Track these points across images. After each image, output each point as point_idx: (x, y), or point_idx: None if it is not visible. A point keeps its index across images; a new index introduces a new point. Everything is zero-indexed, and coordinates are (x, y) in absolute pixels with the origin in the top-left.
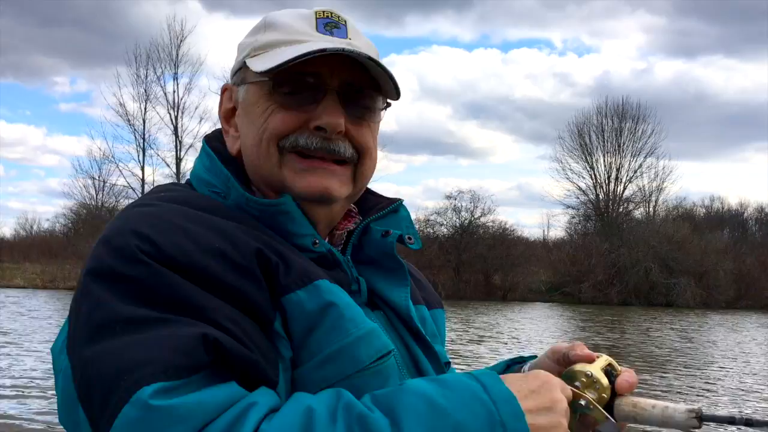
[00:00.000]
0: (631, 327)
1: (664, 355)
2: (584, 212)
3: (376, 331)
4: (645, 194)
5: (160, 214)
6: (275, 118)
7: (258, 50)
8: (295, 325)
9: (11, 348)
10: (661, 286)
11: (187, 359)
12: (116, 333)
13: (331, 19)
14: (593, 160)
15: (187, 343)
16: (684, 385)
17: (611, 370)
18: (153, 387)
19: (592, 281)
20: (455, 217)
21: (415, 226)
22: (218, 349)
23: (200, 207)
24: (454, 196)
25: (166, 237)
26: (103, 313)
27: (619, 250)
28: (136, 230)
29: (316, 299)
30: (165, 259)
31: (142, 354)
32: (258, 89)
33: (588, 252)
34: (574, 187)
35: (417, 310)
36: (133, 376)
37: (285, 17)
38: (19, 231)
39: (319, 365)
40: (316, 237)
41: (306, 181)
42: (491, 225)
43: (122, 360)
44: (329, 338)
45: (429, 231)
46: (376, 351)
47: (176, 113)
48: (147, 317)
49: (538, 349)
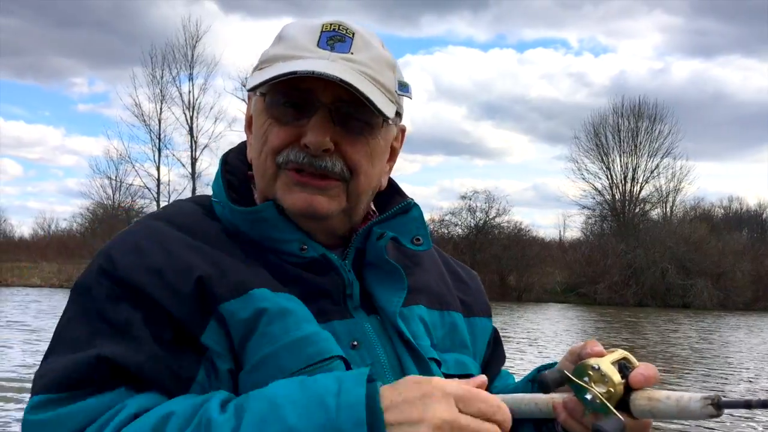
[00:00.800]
0: (650, 328)
1: (684, 356)
2: (600, 213)
3: (313, 337)
4: (662, 195)
5: (133, 233)
6: (272, 133)
7: (263, 63)
8: (235, 332)
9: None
10: (678, 288)
11: (75, 375)
12: (63, 347)
13: (337, 32)
14: (609, 160)
15: (80, 361)
16: (708, 388)
17: (626, 364)
18: (35, 399)
19: (607, 282)
20: (470, 217)
21: (429, 226)
22: (114, 367)
23: (179, 224)
24: (469, 197)
25: (124, 257)
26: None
27: (636, 251)
28: (107, 250)
29: (248, 307)
30: (116, 278)
31: (52, 368)
32: (260, 102)
33: (604, 253)
34: (590, 187)
35: (445, 315)
36: (32, 389)
37: (293, 30)
38: (37, 231)
39: (250, 372)
40: (304, 242)
41: (293, 198)
42: (506, 225)
43: (41, 370)
44: (259, 345)
45: (443, 231)
46: (307, 358)
47: (191, 113)
48: (87, 337)
49: (558, 350)
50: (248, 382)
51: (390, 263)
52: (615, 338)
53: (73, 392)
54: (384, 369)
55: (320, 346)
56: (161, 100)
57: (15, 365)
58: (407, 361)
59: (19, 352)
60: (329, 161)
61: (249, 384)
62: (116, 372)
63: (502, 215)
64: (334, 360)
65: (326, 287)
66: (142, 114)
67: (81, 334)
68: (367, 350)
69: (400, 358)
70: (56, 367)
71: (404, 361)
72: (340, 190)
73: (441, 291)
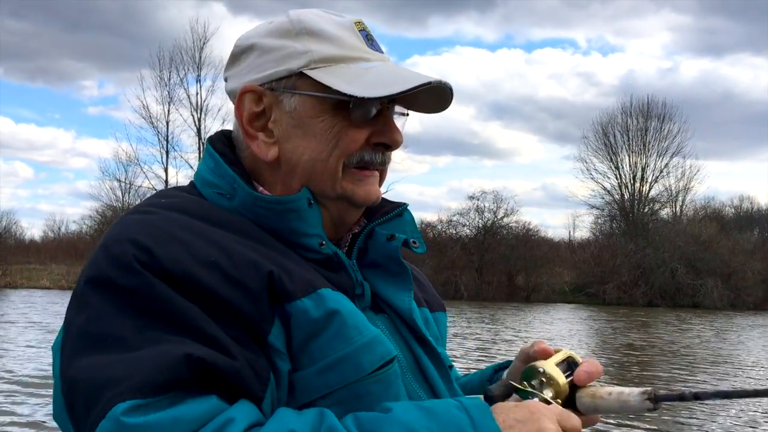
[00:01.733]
0: (665, 328)
1: (703, 355)
2: (609, 212)
3: (379, 337)
4: (671, 194)
5: (158, 222)
6: (346, 137)
7: (319, 63)
8: (298, 331)
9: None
10: (688, 287)
11: (164, 377)
12: (106, 348)
13: (366, 31)
14: (618, 159)
15: (169, 361)
16: (721, 387)
17: (572, 363)
18: (127, 404)
19: (616, 282)
20: (478, 217)
21: (437, 226)
22: (202, 367)
23: (198, 215)
24: (477, 197)
25: (163, 247)
26: (97, 327)
27: (645, 250)
28: (134, 239)
29: (321, 307)
30: (160, 270)
31: (123, 371)
32: (317, 103)
33: (612, 252)
34: (599, 187)
35: (420, 312)
36: (111, 392)
37: (327, 26)
38: (48, 233)
39: (321, 372)
40: (323, 238)
41: (365, 189)
42: (515, 226)
43: (104, 375)
44: (332, 346)
45: (451, 232)
46: (380, 358)
47: (199, 115)
48: (137, 334)
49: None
50: (319, 383)
51: (400, 264)
52: (628, 338)
53: (163, 396)
54: (402, 366)
55: (387, 346)
56: (169, 101)
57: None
58: (422, 357)
59: (45, 350)
60: (390, 156)
61: (320, 385)
62: (206, 375)
63: (510, 215)
64: (395, 359)
65: (341, 286)
66: (150, 116)
67: (125, 331)
68: None
69: (415, 355)
70: (135, 372)
71: (419, 358)
72: (378, 180)
73: (414, 290)
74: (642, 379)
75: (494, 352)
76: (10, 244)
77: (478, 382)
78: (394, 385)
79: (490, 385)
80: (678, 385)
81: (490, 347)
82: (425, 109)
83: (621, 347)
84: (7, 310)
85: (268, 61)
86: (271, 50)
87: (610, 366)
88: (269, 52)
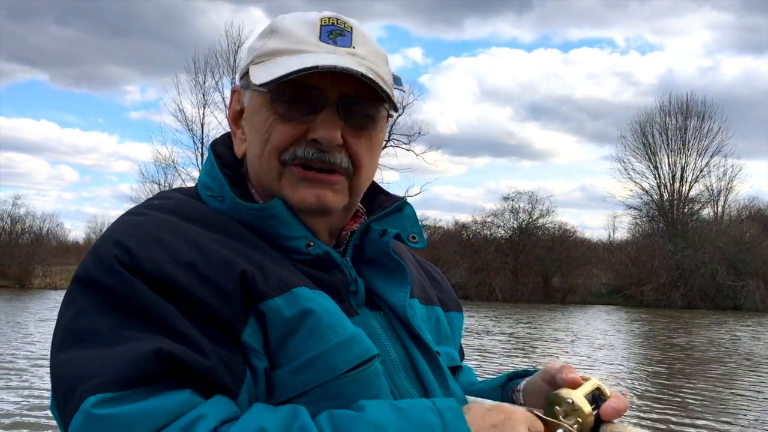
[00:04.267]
0: (702, 331)
1: (744, 358)
2: (647, 213)
3: (357, 336)
4: (712, 194)
5: (143, 224)
6: (276, 131)
7: (262, 57)
8: (274, 330)
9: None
10: (728, 289)
11: (135, 371)
12: (85, 344)
13: (336, 26)
14: (657, 159)
15: (140, 356)
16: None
17: (599, 395)
18: (97, 397)
19: (654, 284)
20: (513, 218)
21: (471, 227)
22: (173, 362)
23: (186, 216)
24: (512, 198)
25: (143, 248)
26: (79, 324)
27: (684, 251)
28: (118, 240)
29: (294, 306)
30: (139, 270)
31: (97, 366)
32: (260, 97)
33: (651, 254)
34: (637, 187)
35: (431, 310)
36: (84, 386)
37: (290, 23)
38: (90, 234)
39: (296, 371)
40: (309, 239)
41: (300, 194)
42: (550, 226)
43: (80, 370)
44: (306, 345)
45: (486, 233)
46: (356, 357)
47: None
48: (114, 331)
49: (610, 355)
50: (294, 382)
51: (395, 260)
52: (676, 340)
53: (134, 390)
54: (394, 364)
55: (366, 345)
56: (204, 105)
57: None
58: (416, 355)
59: None
60: (338, 156)
61: (296, 384)
62: (177, 370)
63: (545, 216)
64: (376, 358)
65: (332, 284)
66: (185, 119)
67: (103, 329)
68: (376, 346)
69: (409, 353)
70: (106, 367)
71: (413, 356)
72: (344, 186)
73: (425, 287)
74: (704, 381)
75: (541, 351)
76: (52, 245)
77: (491, 388)
78: (374, 385)
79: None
80: (741, 391)
81: (535, 347)
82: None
83: (675, 348)
84: (45, 311)
85: (242, 61)
86: (248, 52)
87: (659, 367)
88: (247, 54)
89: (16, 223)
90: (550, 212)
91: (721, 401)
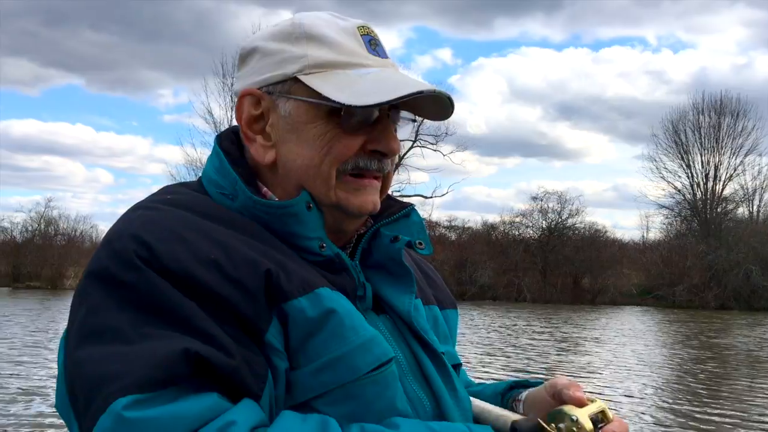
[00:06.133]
0: (738, 332)
1: None
2: (680, 212)
3: (376, 338)
4: (747, 193)
5: (160, 219)
6: (339, 143)
7: (314, 68)
8: (296, 330)
9: None
10: (764, 290)
11: (164, 372)
12: (105, 340)
13: (371, 35)
14: (689, 158)
15: (167, 356)
16: None
17: (601, 418)
18: (127, 399)
19: (687, 284)
20: (541, 219)
21: (499, 228)
22: (200, 362)
23: (203, 213)
24: (540, 198)
25: (164, 244)
26: (97, 319)
27: (717, 251)
28: (136, 235)
29: (317, 306)
30: (160, 267)
31: (123, 365)
32: (311, 108)
33: (683, 254)
34: (670, 186)
35: (429, 310)
36: (111, 387)
37: (328, 30)
38: None
39: (317, 372)
40: (323, 240)
41: (360, 199)
42: (580, 226)
43: (104, 369)
44: (328, 345)
45: (514, 233)
46: (376, 359)
47: None
48: (135, 327)
49: (641, 360)
50: (314, 382)
51: (403, 266)
52: (725, 342)
53: (161, 392)
54: (402, 368)
55: (384, 347)
56: (231, 107)
57: None
58: (423, 358)
59: None
60: (388, 163)
61: (315, 384)
62: (204, 371)
63: (574, 216)
64: (393, 360)
65: (341, 287)
66: (214, 121)
67: (123, 325)
68: None
69: (416, 356)
70: (133, 368)
71: (420, 359)
72: (378, 186)
73: (422, 287)
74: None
75: (580, 351)
76: (85, 247)
77: (491, 394)
78: (391, 387)
79: (519, 419)
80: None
81: (570, 348)
82: (428, 116)
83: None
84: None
85: (267, 64)
86: (271, 54)
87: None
88: (268, 55)
89: (49, 224)
90: (579, 212)
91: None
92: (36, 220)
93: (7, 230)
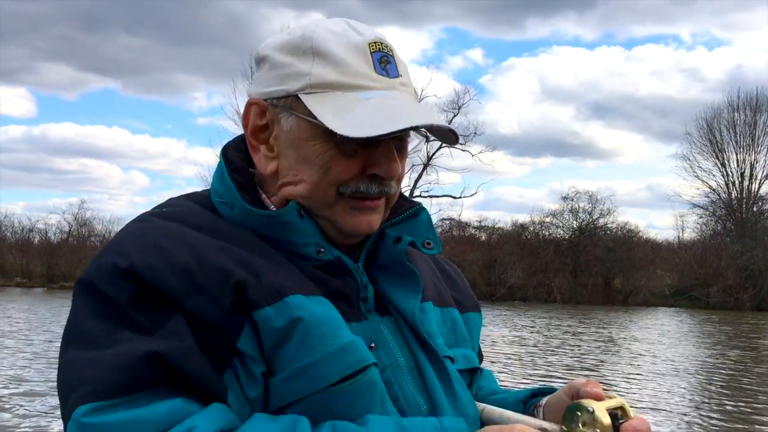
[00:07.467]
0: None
1: None
2: (714, 212)
3: (351, 345)
4: None
5: (149, 231)
6: (338, 166)
7: (315, 88)
8: (266, 339)
9: None
10: None
11: (126, 377)
12: (79, 346)
13: (384, 52)
14: (724, 156)
15: (129, 361)
16: None
17: (621, 414)
18: (87, 406)
19: (721, 285)
20: (572, 218)
21: (529, 228)
22: (163, 366)
23: (194, 225)
24: (571, 197)
25: (142, 255)
26: (75, 326)
27: (753, 251)
28: (121, 248)
29: (283, 316)
30: (135, 277)
31: (89, 373)
32: (311, 127)
33: (717, 254)
34: (704, 186)
35: (445, 312)
36: (76, 394)
37: (335, 46)
38: None
39: (287, 380)
40: (320, 245)
41: (354, 221)
42: (612, 226)
43: (75, 375)
44: (297, 354)
45: (544, 233)
46: (347, 367)
47: None
48: (106, 336)
49: (673, 365)
50: (285, 390)
51: (408, 267)
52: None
53: (124, 398)
54: (402, 370)
55: (358, 355)
56: None
57: None
58: (423, 361)
59: None
60: (392, 185)
61: (287, 393)
62: (167, 374)
63: (606, 216)
64: (371, 368)
65: (342, 290)
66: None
67: (97, 334)
68: (384, 352)
69: (416, 359)
70: (97, 374)
71: (420, 362)
72: (383, 204)
73: (439, 289)
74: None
75: (624, 354)
76: None
77: (513, 401)
78: (367, 396)
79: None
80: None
81: (611, 348)
82: (436, 137)
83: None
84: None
85: (273, 77)
86: (278, 66)
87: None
88: (276, 67)
89: (83, 226)
90: (611, 212)
91: None
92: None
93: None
